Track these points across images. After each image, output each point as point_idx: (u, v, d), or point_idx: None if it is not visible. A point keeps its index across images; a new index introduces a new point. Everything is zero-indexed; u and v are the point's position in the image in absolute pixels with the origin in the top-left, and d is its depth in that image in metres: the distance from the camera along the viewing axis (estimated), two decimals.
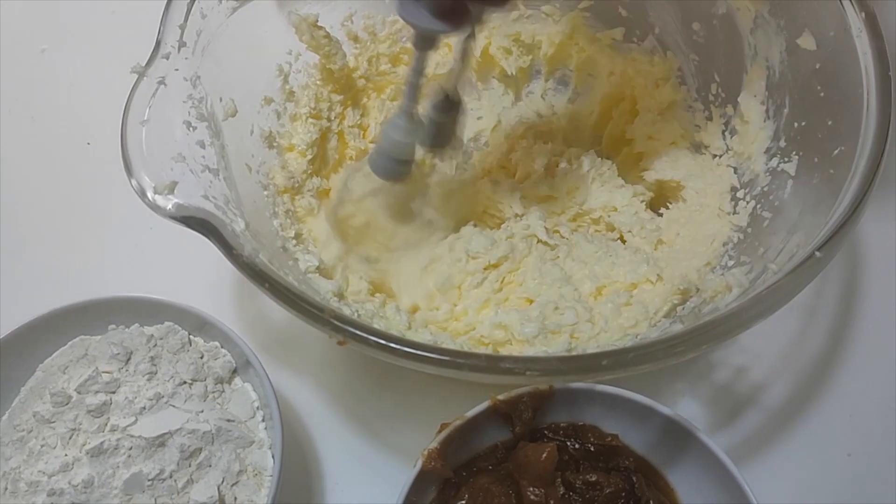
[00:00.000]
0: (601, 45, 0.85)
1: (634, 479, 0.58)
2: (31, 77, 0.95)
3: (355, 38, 0.81)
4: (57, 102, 0.92)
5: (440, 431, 0.58)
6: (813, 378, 0.74)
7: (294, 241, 0.68)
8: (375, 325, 0.63)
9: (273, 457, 0.62)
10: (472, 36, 0.64)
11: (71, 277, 0.80)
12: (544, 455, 0.56)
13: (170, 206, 0.56)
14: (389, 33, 0.83)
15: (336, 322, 0.52)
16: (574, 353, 0.55)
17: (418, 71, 0.63)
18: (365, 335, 0.51)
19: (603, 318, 0.66)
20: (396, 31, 0.83)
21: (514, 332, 0.62)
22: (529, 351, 0.63)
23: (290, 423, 0.72)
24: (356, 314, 0.63)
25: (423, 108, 0.68)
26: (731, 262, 0.68)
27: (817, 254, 0.54)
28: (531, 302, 0.69)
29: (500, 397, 0.58)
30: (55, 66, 0.96)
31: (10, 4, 1.00)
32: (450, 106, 0.68)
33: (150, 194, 0.56)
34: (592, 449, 0.60)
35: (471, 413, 0.58)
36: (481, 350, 0.62)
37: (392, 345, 0.51)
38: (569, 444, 0.60)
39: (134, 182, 0.56)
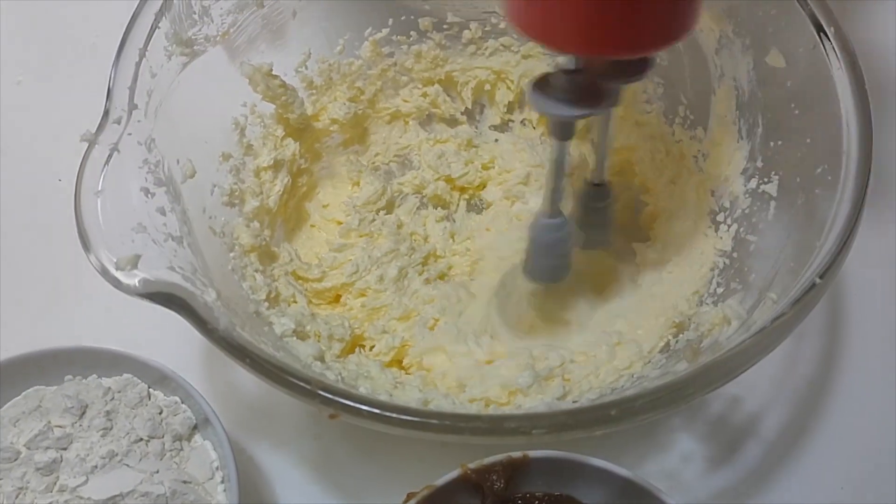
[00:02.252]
0: None
1: None
2: (4, 108, 0.91)
3: (310, 84, 0.78)
4: (31, 136, 0.88)
5: (406, 501, 0.55)
6: (808, 404, 0.73)
7: (266, 304, 0.65)
8: (362, 388, 0.60)
9: None
10: (608, 114, 0.62)
11: (28, 325, 0.76)
12: None
13: (135, 283, 0.52)
14: (345, 75, 0.80)
15: (325, 394, 0.48)
16: (579, 406, 0.53)
17: (559, 162, 0.60)
18: (357, 405, 0.48)
19: (595, 360, 0.64)
20: (353, 73, 0.81)
21: (509, 385, 0.59)
22: (525, 402, 0.60)
23: (254, 484, 0.68)
24: (339, 377, 0.60)
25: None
26: (720, 289, 0.66)
27: (818, 280, 0.53)
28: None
29: (471, 466, 0.55)
30: (30, 99, 0.91)
31: None
32: (600, 193, 0.67)
33: (112, 271, 0.52)
34: None
35: (440, 482, 0.55)
36: (483, 412, 0.59)
37: (388, 414, 0.48)
38: None
39: (93, 259, 0.52)
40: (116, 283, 0.52)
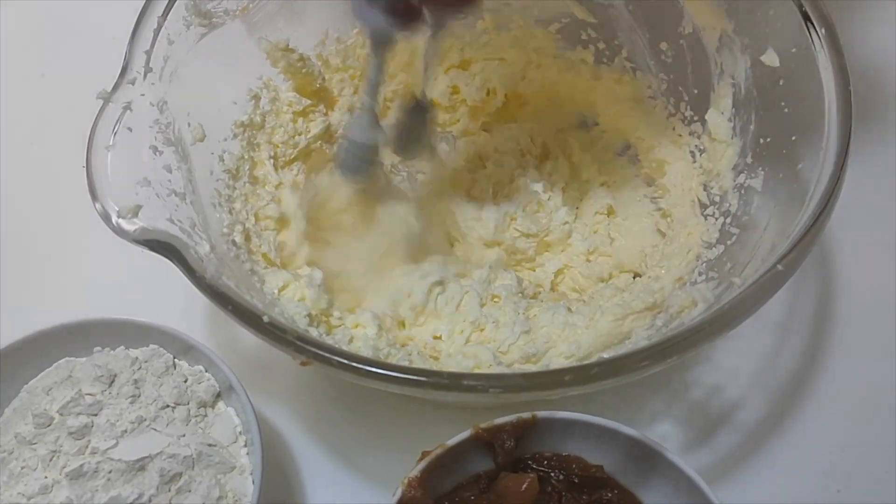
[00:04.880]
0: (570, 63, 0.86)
1: None
2: (29, 101, 0.96)
3: (326, 63, 0.81)
4: (54, 126, 0.93)
5: (421, 459, 0.57)
6: (787, 395, 0.74)
7: (263, 263, 0.68)
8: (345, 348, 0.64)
9: (253, 482, 0.61)
10: (435, 37, 0.65)
11: (58, 299, 0.80)
12: (525, 486, 0.56)
13: (134, 230, 0.56)
14: (361, 57, 0.83)
15: (299, 342, 0.52)
16: (536, 370, 0.55)
17: (376, 71, 0.65)
18: (328, 355, 0.51)
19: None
20: (366, 55, 0.83)
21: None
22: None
23: (274, 448, 0.71)
24: (322, 337, 0.63)
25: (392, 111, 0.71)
26: (700, 278, 0.68)
27: (779, 267, 0.54)
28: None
29: (482, 426, 0.58)
30: (55, 91, 0.96)
31: (10, 30, 1.01)
32: (419, 109, 0.70)
33: (113, 219, 0.56)
34: (577, 480, 0.60)
35: (452, 441, 0.57)
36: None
37: (355, 364, 0.51)
38: (552, 475, 0.60)
39: (98, 206, 0.56)
40: (118, 231, 0.56)
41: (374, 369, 0.51)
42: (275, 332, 0.52)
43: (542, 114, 0.87)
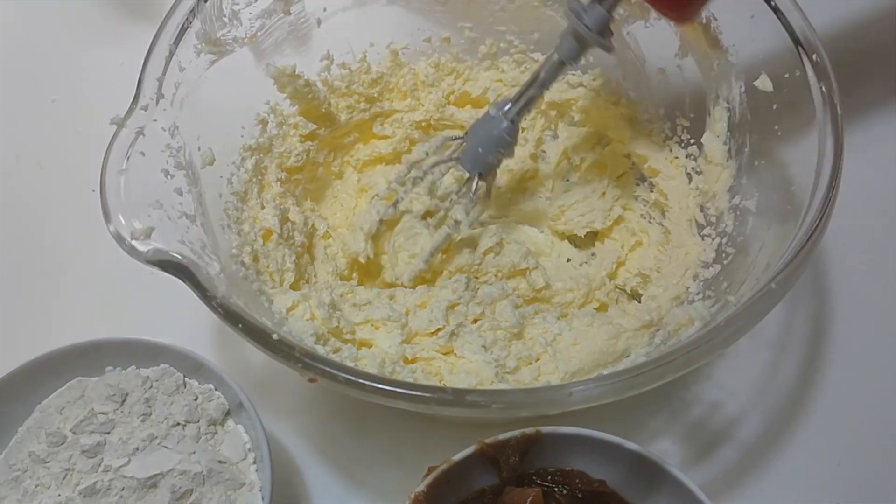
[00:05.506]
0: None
1: None
2: (40, 125, 0.98)
3: (331, 88, 0.83)
4: (65, 150, 0.94)
5: (427, 475, 0.58)
6: (785, 411, 0.76)
7: (271, 284, 0.70)
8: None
9: (263, 499, 0.62)
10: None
11: (71, 319, 0.82)
12: (529, 500, 0.57)
13: (147, 251, 0.57)
14: (365, 82, 0.86)
15: (307, 360, 0.53)
16: (538, 386, 0.57)
17: (545, 84, 0.71)
18: (335, 372, 0.53)
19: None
20: (371, 81, 0.86)
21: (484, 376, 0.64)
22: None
23: (282, 465, 0.72)
24: (329, 355, 0.65)
25: None
26: (697, 297, 0.69)
27: (773, 285, 0.56)
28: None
29: (487, 441, 0.59)
30: (64, 116, 0.98)
31: (22, 55, 1.03)
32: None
33: (127, 240, 0.58)
34: (580, 495, 0.61)
35: (458, 457, 0.59)
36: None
37: (361, 380, 0.52)
38: (556, 490, 0.61)
39: (112, 228, 0.58)
40: (131, 252, 0.58)
41: (379, 385, 0.52)
42: (284, 350, 0.54)
43: None
